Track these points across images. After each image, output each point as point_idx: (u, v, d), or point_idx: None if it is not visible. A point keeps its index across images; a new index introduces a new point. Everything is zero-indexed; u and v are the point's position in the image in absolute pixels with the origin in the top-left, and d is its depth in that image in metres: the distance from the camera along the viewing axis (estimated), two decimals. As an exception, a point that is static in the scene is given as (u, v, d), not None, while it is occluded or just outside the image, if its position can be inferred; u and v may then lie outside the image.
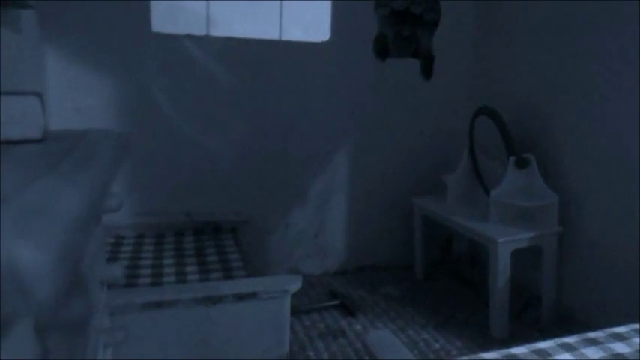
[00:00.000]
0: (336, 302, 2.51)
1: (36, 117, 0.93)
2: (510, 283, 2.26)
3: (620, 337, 1.55)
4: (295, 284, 1.66)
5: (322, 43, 2.74)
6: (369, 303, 2.56)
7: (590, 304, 2.22)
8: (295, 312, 2.40)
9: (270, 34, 2.67)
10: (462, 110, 2.83)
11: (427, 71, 2.92)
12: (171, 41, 2.51)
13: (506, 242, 2.15)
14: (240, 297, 1.59)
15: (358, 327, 2.32)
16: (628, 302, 2.02)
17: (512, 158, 2.31)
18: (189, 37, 2.54)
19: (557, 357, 1.46)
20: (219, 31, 2.59)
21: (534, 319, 2.36)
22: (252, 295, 1.61)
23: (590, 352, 1.48)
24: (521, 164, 2.31)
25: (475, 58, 2.93)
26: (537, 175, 2.30)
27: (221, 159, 2.66)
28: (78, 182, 0.59)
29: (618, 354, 1.46)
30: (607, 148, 2.12)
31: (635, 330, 1.59)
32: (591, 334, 1.57)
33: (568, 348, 1.50)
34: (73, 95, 2.41)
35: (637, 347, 1.51)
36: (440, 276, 2.86)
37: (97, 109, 2.46)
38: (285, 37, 2.70)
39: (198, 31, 2.56)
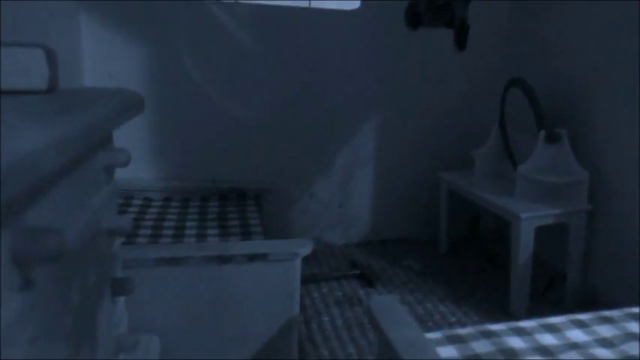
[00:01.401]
0: (356, 272, 2.53)
1: (41, 68, 0.96)
2: (536, 260, 2.21)
3: (636, 317, 1.49)
4: (306, 248, 1.67)
5: (352, 11, 2.70)
6: (389, 274, 2.56)
7: (617, 286, 2.13)
8: (315, 280, 2.45)
9: (300, 0, 2.64)
10: (494, 83, 2.74)
11: (461, 41, 2.83)
12: (200, 7, 2.53)
13: (530, 218, 2.09)
14: (250, 257, 1.62)
15: (375, 296, 2.33)
16: (657, 285, 1.94)
17: (543, 132, 2.22)
18: (219, 3, 2.55)
19: (567, 332, 1.43)
20: (248, -3, 2.59)
21: (558, 298, 2.30)
22: (263, 257, 1.63)
23: (604, 329, 1.44)
24: (552, 139, 2.22)
25: (510, 29, 2.81)
26: (568, 150, 2.21)
27: (248, 127, 2.69)
28: (49, 124, 0.61)
29: (631, 333, 1.41)
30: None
31: (654, 311, 1.52)
32: (606, 313, 1.53)
33: (580, 325, 1.46)
34: (105, 60, 2.48)
35: (654, 328, 1.45)
36: (464, 252, 2.82)
37: (129, 74, 2.52)
38: (315, 4, 2.67)
39: (228, -3, 2.57)
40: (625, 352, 1.33)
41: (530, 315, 2.18)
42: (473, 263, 2.70)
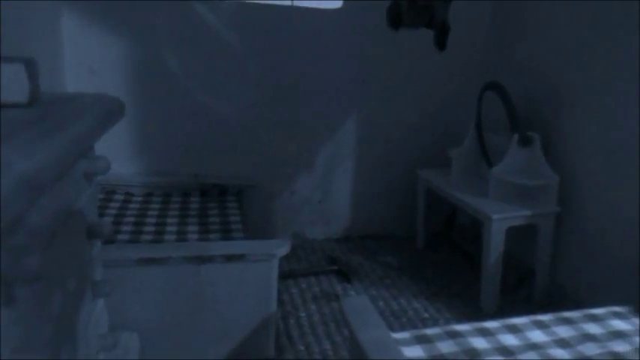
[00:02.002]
0: (334, 268, 2.59)
1: (22, 82, 0.99)
2: (508, 258, 2.30)
3: (594, 319, 1.58)
4: (283, 249, 1.73)
5: (334, 10, 2.73)
6: (367, 270, 2.63)
7: (583, 284, 2.23)
8: (294, 275, 2.51)
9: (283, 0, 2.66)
10: (473, 84, 2.80)
11: (441, 42, 2.86)
12: (184, 4, 2.53)
13: (501, 219, 2.17)
14: (228, 258, 1.68)
15: (352, 292, 2.40)
16: (620, 285, 2.03)
17: (516, 136, 2.29)
18: (201, 0, 2.56)
19: (528, 333, 1.51)
20: (231, -5, 2.61)
21: (527, 295, 2.39)
22: (241, 257, 1.68)
23: (562, 330, 1.52)
24: (525, 142, 2.29)
25: (489, 32, 2.87)
26: (540, 154, 2.28)
27: (230, 123, 2.72)
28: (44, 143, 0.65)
29: (588, 334, 1.50)
30: (611, 133, 2.09)
31: (611, 312, 1.61)
32: (567, 314, 1.61)
33: (541, 325, 1.54)
34: (87, 56, 2.49)
35: (611, 329, 1.54)
36: (440, 248, 2.90)
37: (111, 71, 2.53)
38: (298, 3, 2.69)
39: (210, -6, 2.58)
40: (580, 352, 1.41)
41: (500, 311, 2.27)
42: (448, 259, 2.78)
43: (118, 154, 2.51)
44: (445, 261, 2.76)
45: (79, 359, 1.14)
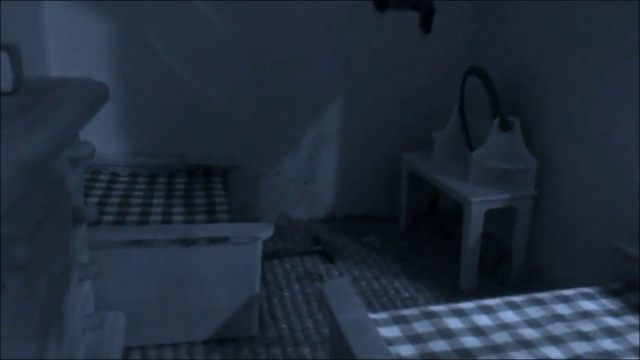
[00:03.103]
0: (318, 248, 2.64)
1: (5, 70, 1.00)
2: (486, 239, 2.36)
3: (564, 299, 1.65)
4: (266, 232, 1.77)
5: (321, -8, 2.72)
6: (350, 251, 2.68)
7: (558, 264, 2.31)
8: (278, 255, 2.55)
9: (268, -20, 2.65)
10: (457, 68, 2.81)
11: (426, 25, 2.89)
12: (168, -17, 2.51)
13: (480, 202, 2.23)
14: (212, 240, 1.71)
15: (335, 273, 2.46)
16: (592, 266, 2.11)
17: (497, 120, 2.34)
18: (187, -20, 2.53)
19: (500, 313, 1.58)
20: (217, -25, 2.58)
21: (504, 275, 2.47)
22: (225, 240, 1.72)
23: (533, 311, 1.59)
24: (505, 127, 2.34)
25: (474, 16, 2.88)
26: (520, 138, 2.33)
27: (215, 103, 2.73)
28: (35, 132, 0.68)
29: (557, 314, 1.57)
30: (589, 119, 2.14)
31: (580, 293, 1.69)
32: (539, 295, 1.68)
33: (513, 306, 1.61)
34: (70, 34, 2.46)
35: (579, 309, 1.61)
36: (423, 229, 2.96)
37: (94, 49, 2.51)
38: (283, -16, 2.68)
39: (196, -26, 2.56)
40: (549, 331, 1.49)
41: (478, 291, 2.35)
42: (430, 240, 2.85)
43: (103, 133, 2.51)
44: (427, 242, 2.83)
45: (66, 340, 1.18)
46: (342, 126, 2.95)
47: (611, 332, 1.49)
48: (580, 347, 1.42)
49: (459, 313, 1.55)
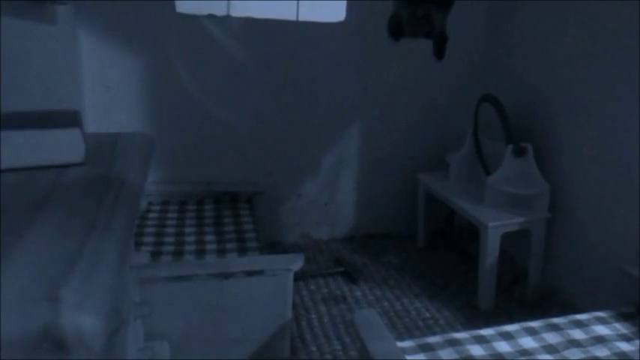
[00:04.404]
0: (340, 269, 2.76)
1: (78, 145, 1.14)
2: (503, 259, 2.47)
3: (579, 324, 1.76)
4: (297, 263, 1.90)
5: (338, 23, 2.84)
6: (371, 270, 2.80)
7: (572, 285, 2.41)
8: (303, 277, 2.68)
9: (288, 14, 2.78)
10: (471, 92, 2.94)
11: (440, 51, 2.99)
12: (194, 21, 2.65)
13: (496, 227, 2.33)
14: (248, 273, 1.84)
15: (358, 294, 2.58)
16: (604, 287, 2.21)
17: (511, 146, 2.45)
18: (211, 17, 2.67)
19: (519, 339, 1.69)
20: (239, 11, 2.72)
21: (521, 294, 2.57)
22: (260, 272, 1.85)
23: (550, 337, 1.70)
24: (519, 153, 2.44)
25: (487, 43, 2.99)
26: (533, 163, 2.44)
27: (239, 132, 2.87)
28: (115, 234, 0.81)
29: (573, 340, 1.67)
30: (600, 143, 2.24)
31: (594, 318, 1.79)
32: (555, 320, 1.79)
33: (531, 332, 1.72)
34: (103, 73, 2.61)
35: (593, 334, 1.71)
36: (440, 247, 3.07)
37: (125, 86, 2.66)
38: (303, 17, 2.81)
39: (219, 11, 2.69)
40: (565, 357, 1.59)
41: (495, 309, 2.46)
42: (447, 258, 2.96)
43: (135, 165, 2.65)
44: (444, 260, 2.94)
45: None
46: (360, 149, 3.07)
47: (624, 357, 1.59)
48: (595, 373, 1.52)
49: (480, 340, 1.67)
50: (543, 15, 2.58)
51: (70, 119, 1.21)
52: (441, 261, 2.92)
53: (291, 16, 2.79)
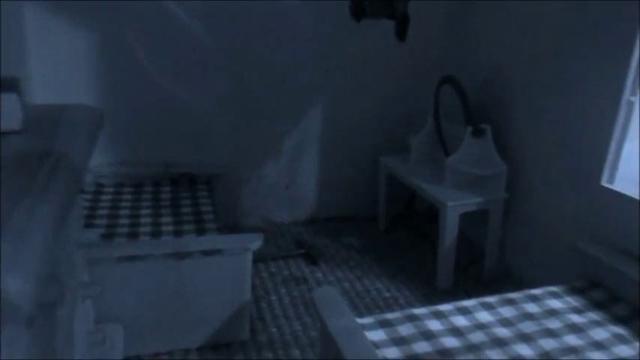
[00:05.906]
0: (301, 251, 2.74)
1: (15, 111, 1.07)
2: (461, 239, 2.50)
3: (534, 298, 1.79)
4: (256, 242, 1.86)
5: (299, 3, 2.79)
6: (332, 252, 2.79)
7: (527, 263, 2.47)
8: (264, 259, 2.64)
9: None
10: (432, 74, 2.95)
11: (402, 33, 2.99)
12: (150, -4, 2.55)
13: (455, 206, 2.36)
14: (206, 253, 1.79)
15: (319, 275, 2.57)
16: (558, 264, 2.27)
17: (470, 127, 2.47)
18: (168, -8, 2.57)
19: (476, 314, 1.71)
20: (197, -13, 2.63)
21: (478, 273, 2.62)
22: (217, 252, 1.81)
23: (506, 311, 1.73)
24: (478, 133, 2.47)
25: (448, 26, 3.01)
26: (491, 145, 2.47)
27: (198, 112, 2.79)
28: (50, 204, 0.75)
29: (528, 313, 1.71)
30: (555, 126, 2.29)
31: (548, 292, 1.83)
32: (510, 295, 1.82)
33: (487, 307, 1.74)
34: (55, 48, 2.48)
35: (547, 308, 1.75)
36: (401, 229, 3.09)
37: (79, 62, 2.54)
38: (263, -5, 2.74)
39: (176, -14, 2.60)
40: (520, 330, 1.62)
41: (453, 288, 2.49)
42: (407, 240, 2.98)
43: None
44: (405, 241, 2.96)
45: (76, 358, 1.25)
46: (322, 131, 3.04)
47: (575, 329, 1.64)
48: (548, 344, 1.56)
49: (439, 315, 1.68)
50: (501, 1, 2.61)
51: (8, 85, 1.14)
52: (402, 243, 2.94)
53: (251, -7, 2.71)
